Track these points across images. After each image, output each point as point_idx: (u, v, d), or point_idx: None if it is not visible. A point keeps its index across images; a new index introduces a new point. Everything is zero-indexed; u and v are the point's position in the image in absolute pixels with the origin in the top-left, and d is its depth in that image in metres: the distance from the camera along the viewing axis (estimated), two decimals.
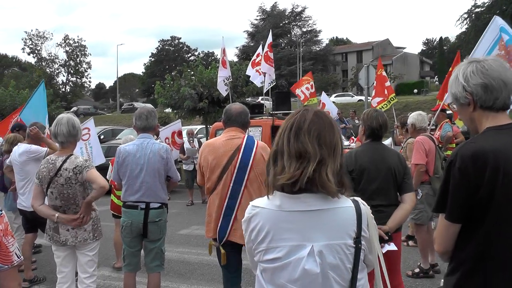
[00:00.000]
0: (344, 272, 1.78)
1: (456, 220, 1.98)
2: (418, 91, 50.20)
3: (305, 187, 1.75)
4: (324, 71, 63.51)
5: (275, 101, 13.23)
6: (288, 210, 1.79)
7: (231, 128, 4.04)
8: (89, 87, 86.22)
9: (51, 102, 30.92)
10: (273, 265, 1.81)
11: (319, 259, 1.74)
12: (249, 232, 1.89)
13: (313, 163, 1.74)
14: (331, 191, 1.75)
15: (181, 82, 17.23)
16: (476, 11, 38.51)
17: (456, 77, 2.11)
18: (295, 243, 1.77)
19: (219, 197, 3.86)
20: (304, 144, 1.77)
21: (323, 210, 1.78)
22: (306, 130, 1.79)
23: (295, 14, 70.50)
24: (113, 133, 25.56)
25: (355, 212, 1.82)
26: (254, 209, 1.88)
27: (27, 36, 70.12)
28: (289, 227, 1.78)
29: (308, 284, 1.76)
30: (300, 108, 1.99)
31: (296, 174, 1.74)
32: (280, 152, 1.82)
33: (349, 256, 1.78)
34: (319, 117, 1.85)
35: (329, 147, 1.79)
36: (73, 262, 4.36)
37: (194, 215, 10.38)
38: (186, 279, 6.07)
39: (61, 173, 4.08)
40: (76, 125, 4.24)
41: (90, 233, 4.25)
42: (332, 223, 1.78)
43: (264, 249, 1.83)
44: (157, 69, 78.06)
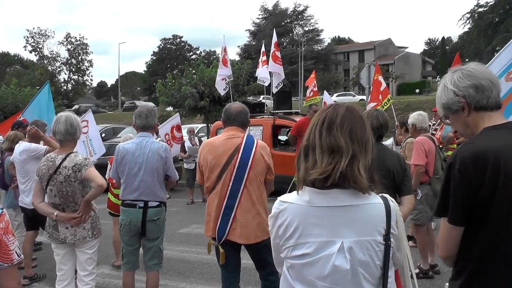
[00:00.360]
0: (373, 269, 1.77)
1: (459, 223, 1.96)
2: (420, 91, 50.16)
3: (336, 182, 1.74)
4: (325, 70, 63.45)
5: (276, 100, 13.24)
6: (317, 205, 1.78)
7: (231, 127, 4.04)
8: (91, 85, 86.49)
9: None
10: (302, 261, 1.79)
11: (349, 255, 1.73)
12: (276, 228, 1.87)
13: (346, 158, 1.73)
14: (363, 186, 1.74)
15: (182, 81, 17.23)
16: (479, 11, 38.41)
17: (444, 86, 2.12)
18: (325, 239, 1.76)
19: (218, 196, 3.87)
20: (336, 139, 1.76)
21: (353, 206, 1.77)
22: (338, 125, 1.78)
23: (297, 13, 70.39)
24: (114, 131, 25.53)
25: (384, 208, 1.81)
26: (282, 204, 1.86)
27: (29, 34, 70.49)
28: (319, 222, 1.77)
29: (337, 280, 1.74)
30: (329, 104, 1.96)
31: (328, 169, 1.73)
32: (312, 147, 1.80)
33: (379, 253, 1.77)
34: (351, 112, 1.84)
35: (360, 143, 1.78)
36: (72, 260, 4.38)
37: (194, 213, 10.38)
38: (186, 278, 6.07)
39: (60, 171, 4.10)
40: (74, 123, 4.24)
41: (89, 231, 4.27)
42: (362, 219, 1.77)
43: (293, 245, 1.81)
44: (159, 67, 78.12)
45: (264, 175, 3.97)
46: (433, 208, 5.91)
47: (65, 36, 72.55)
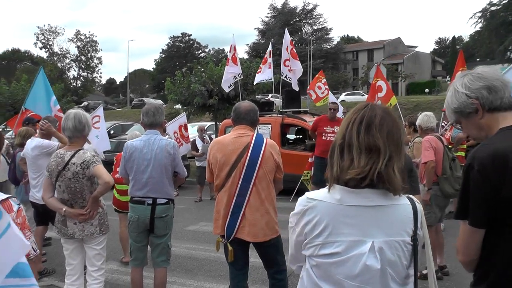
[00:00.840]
0: (400, 269, 1.78)
1: (481, 225, 1.92)
2: (430, 91, 49.87)
3: (370, 183, 1.75)
4: (334, 69, 63.36)
5: (285, 99, 13.24)
6: (349, 204, 1.77)
7: (240, 126, 4.05)
8: (100, 82, 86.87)
9: (62, 96, 31.03)
10: (330, 260, 1.78)
11: (379, 255, 1.73)
12: (302, 225, 1.85)
13: (383, 158, 1.74)
14: (397, 188, 1.76)
15: (191, 79, 17.26)
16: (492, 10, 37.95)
17: (454, 90, 2.10)
18: (355, 238, 1.76)
19: (227, 194, 3.88)
20: (375, 139, 1.76)
21: (384, 206, 1.78)
22: (377, 125, 1.79)
23: (306, 12, 70.28)
24: (123, 128, 25.65)
25: (412, 209, 1.82)
26: (310, 201, 1.84)
27: (39, 31, 70.81)
28: (349, 222, 1.76)
29: (367, 280, 1.74)
30: (364, 103, 1.96)
31: (366, 169, 1.73)
32: (348, 145, 1.80)
33: (406, 253, 1.79)
34: (388, 114, 1.85)
35: (396, 144, 1.79)
36: (81, 255, 4.42)
37: (202, 211, 10.41)
38: (193, 275, 6.09)
39: (69, 167, 4.14)
40: (83, 120, 4.27)
41: (97, 227, 4.31)
42: (392, 219, 1.78)
43: (321, 243, 1.80)
44: (168, 65, 78.31)
45: (273, 174, 3.98)
46: (442, 208, 5.92)
47: (75, 33, 72.93)
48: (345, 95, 44.26)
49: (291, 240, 1.96)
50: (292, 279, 5.47)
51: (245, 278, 4.15)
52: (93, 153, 4.33)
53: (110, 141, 16.09)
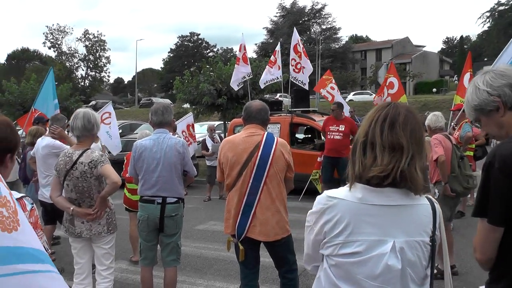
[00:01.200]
0: (420, 269, 1.77)
1: (500, 223, 1.90)
2: (437, 90, 49.65)
3: (393, 181, 1.73)
4: (343, 68, 63.25)
5: (294, 98, 13.21)
6: (371, 203, 1.76)
7: (251, 125, 4.04)
8: (108, 82, 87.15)
9: (70, 95, 31.18)
10: (351, 260, 1.76)
11: (400, 255, 1.72)
12: (322, 224, 1.83)
13: (406, 157, 1.73)
14: (419, 187, 1.75)
15: (200, 78, 17.28)
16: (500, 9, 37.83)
17: (475, 87, 2.08)
18: (376, 237, 1.74)
19: (238, 193, 3.87)
20: (399, 137, 1.75)
21: (405, 206, 1.77)
22: (401, 123, 1.77)
23: (315, 11, 70.16)
24: (131, 127, 25.67)
25: (431, 210, 1.81)
26: (330, 200, 1.82)
27: (48, 30, 71.17)
28: (371, 221, 1.75)
29: (388, 280, 1.73)
30: (387, 102, 1.96)
31: (389, 168, 1.72)
32: (371, 143, 1.79)
33: (426, 254, 1.78)
34: (411, 113, 1.83)
35: (418, 143, 1.78)
36: (89, 254, 4.42)
37: (211, 210, 10.40)
38: (203, 274, 6.09)
39: (76, 167, 4.14)
40: (92, 120, 4.27)
41: (105, 226, 4.30)
42: (413, 219, 1.77)
43: (342, 243, 1.77)
44: (176, 64, 78.36)
45: (284, 173, 3.96)
46: (452, 207, 5.89)
47: (83, 33, 73.22)
48: (353, 94, 44.17)
49: (308, 240, 1.94)
50: (302, 278, 5.45)
51: (256, 277, 4.14)
52: (101, 153, 4.33)
53: None
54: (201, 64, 19.26)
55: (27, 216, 2.12)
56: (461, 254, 6.27)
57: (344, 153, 9.91)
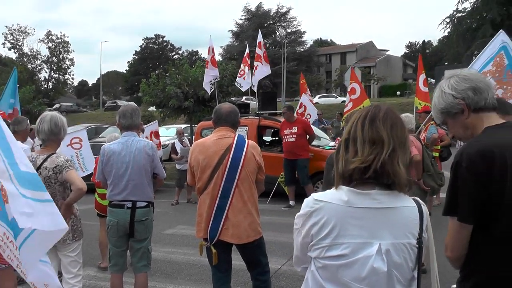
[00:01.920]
0: (406, 271, 1.79)
1: (469, 221, 1.96)
2: (401, 93, 50.68)
3: (375, 175, 1.74)
4: (308, 72, 63.69)
5: (261, 101, 13.25)
6: (356, 206, 1.77)
7: (222, 128, 4.03)
8: (72, 84, 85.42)
9: (33, 98, 30.51)
10: (337, 263, 1.77)
11: (386, 257, 1.73)
12: (309, 226, 1.83)
13: (387, 149, 1.75)
14: (403, 181, 1.76)
15: (166, 81, 17.16)
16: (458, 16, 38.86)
17: (441, 92, 2.16)
18: (362, 240, 1.75)
19: (210, 196, 3.86)
20: (379, 131, 1.78)
21: (391, 208, 1.78)
22: (381, 118, 1.81)
23: (280, 15, 70.50)
24: (96, 131, 25.28)
25: (418, 212, 1.83)
26: (317, 203, 1.82)
27: (7, 30, 69.29)
28: (357, 223, 1.76)
29: (374, 283, 1.74)
30: (373, 104, 2.02)
31: (369, 158, 1.75)
32: (353, 139, 1.82)
33: (412, 256, 1.79)
34: (392, 112, 1.87)
35: (400, 139, 1.80)
36: (55, 262, 4.21)
37: (179, 214, 10.33)
38: (173, 279, 6.02)
39: (40, 172, 3.97)
40: (59, 123, 4.15)
41: (69, 233, 4.14)
42: (399, 222, 1.79)
43: (328, 245, 1.78)
44: (141, 67, 77.56)
45: (255, 175, 3.97)
46: None
47: (46, 34, 71.57)
48: (318, 97, 44.56)
49: (296, 242, 1.95)
50: (274, 280, 5.47)
51: (229, 280, 4.13)
52: (66, 158, 4.20)
53: None
54: (167, 66, 19.15)
55: None
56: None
57: (300, 155, 10.04)
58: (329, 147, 10.95)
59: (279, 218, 9.19)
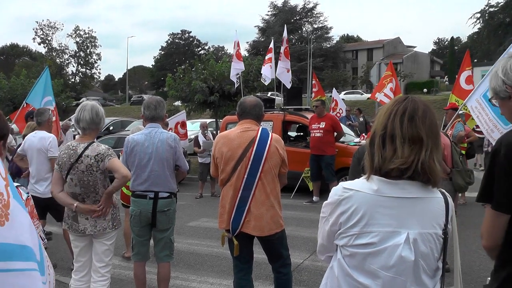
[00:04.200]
0: (432, 261, 1.81)
1: (505, 209, 1.94)
2: (428, 91, 49.94)
3: (412, 174, 1.76)
4: (334, 68, 63.33)
5: (287, 96, 13.26)
6: (386, 195, 1.78)
7: (246, 120, 4.04)
8: (99, 79, 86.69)
9: (60, 92, 31.06)
10: (366, 251, 1.79)
11: (413, 247, 1.75)
12: (337, 214, 1.85)
13: (426, 149, 1.76)
14: (438, 179, 1.78)
15: (192, 75, 17.26)
16: (490, 11, 38.07)
17: (496, 72, 2.10)
18: (391, 229, 1.77)
19: (233, 188, 3.87)
20: (419, 130, 1.77)
21: (420, 198, 1.79)
22: (421, 117, 1.80)
23: (307, 10, 70.19)
24: (122, 124, 25.68)
25: (444, 203, 1.84)
26: (346, 191, 1.84)
27: (38, 26, 70.64)
28: (386, 212, 1.78)
29: (402, 271, 1.76)
30: (404, 95, 1.97)
31: (410, 160, 1.75)
32: (390, 136, 1.80)
33: (438, 246, 1.81)
34: (428, 107, 1.86)
35: (435, 137, 1.81)
36: (91, 251, 4.28)
37: (203, 207, 10.41)
38: (196, 270, 6.08)
39: (82, 160, 4.00)
40: (100, 113, 4.17)
41: (110, 222, 4.18)
42: (426, 212, 1.80)
43: (357, 233, 1.80)
44: (167, 62, 78.21)
45: (278, 168, 3.97)
46: None
47: (74, 29, 72.74)
48: (344, 93, 44.27)
49: (323, 230, 1.97)
50: (295, 274, 5.47)
51: (250, 272, 4.15)
52: (107, 146, 4.21)
53: (110, 137, 16.19)
54: (193, 61, 19.25)
55: None
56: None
57: (326, 151, 9.97)
58: (353, 143, 10.87)
59: (302, 213, 9.19)
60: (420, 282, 1.79)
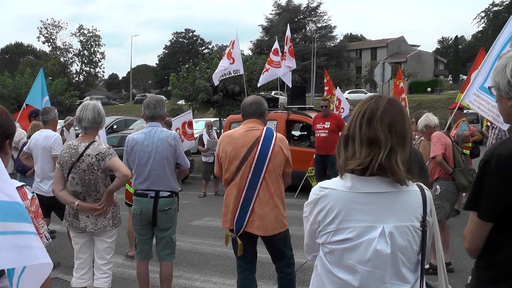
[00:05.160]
0: (411, 254, 1.83)
1: (490, 219, 1.94)
2: (432, 90, 49.81)
3: (375, 173, 1.79)
4: (338, 67, 63.22)
5: (291, 95, 13.23)
6: (360, 191, 1.83)
7: (250, 120, 4.04)
8: (102, 77, 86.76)
9: (64, 90, 31.11)
10: (343, 246, 1.83)
11: (390, 240, 1.77)
12: (315, 213, 1.90)
13: (384, 150, 1.78)
14: (401, 178, 1.79)
15: (196, 74, 17.26)
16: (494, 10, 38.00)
17: (504, 67, 1.97)
18: (366, 224, 1.80)
19: (237, 188, 3.87)
20: (376, 132, 1.80)
21: (394, 192, 1.83)
22: (379, 118, 1.82)
23: (310, 9, 70.01)
24: (125, 123, 25.67)
25: (421, 196, 1.86)
26: (322, 190, 1.89)
27: (42, 25, 70.74)
28: (361, 208, 1.82)
29: (378, 265, 1.78)
30: (374, 94, 2.01)
31: (366, 160, 1.79)
32: (352, 137, 1.86)
33: (417, 239, 1.84)
34: (392, 105, 1.87)
35: (399, 136, 1.82)
36: (91, 249, 4.34)
37: (206, 206, 10.42)
38: (199, 270, 6.08)
39: (83, 159, 4.04)
40: (101, 112, 4.22)
41: (110, 220, 4.22)
42: (402, 205, 1.83)
43: (334, 230, 1.84)
44: (171, 61, 78.22)
45: (282, 168, 3.96)
46: (452, 204, 5.91)
47: (78, 28, 72.76)
48: (348, 93, 44.20)
49: (306, 230, 2.02)
50: (299, 274, 5.46)
51: (253, 272, 4.14)
52: (108, 145, 4.26)
53: (114, 136, 16.22)
54: (197, 60, 19.25)
55: (27, 204, 2.11)
56: (457, 252, 6.30)
57: (331, 151, 9.90)
58: None
59: None
60: (400, 275, 1.81)
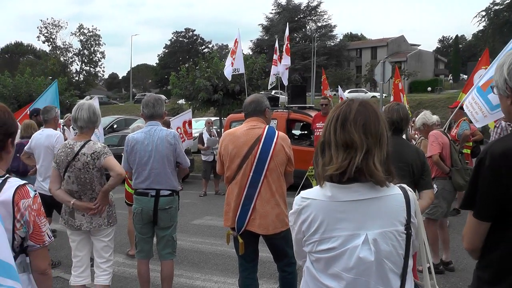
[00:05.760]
0: (397, 259, 1.81)
1: (486, 218, 1.94)
2: (432, 89, 49.81)
3: (353, 176, 1.78)
4: (338, 66, 63.18)
5: (291, 94, 13.25)
6: (340, 200, 1.81)
7: (252, 118, 4.04)
8: (102, 77, 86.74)
9: (64, 90, 31.12)
10: (328, 255, 1.83)
11: (374, 247, 1.77)
12: (299, 223, 1.90)
13: (360, 153, 1.77)
14: (379, 179, 1.78)
15: (196, 74, 17.27)
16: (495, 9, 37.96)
17: (502, 66, 1.99)
18: (350, 232, 1.80)
19: (238, 186, 3.87)
20: (350, 135, 1.79)
21: (375, 198, 1.81)
22: (352, 121, 1.82)
23: (311, 9, 69.92)
24: (126, 122, 25.66)
25: (404, 199, 1.84)
26: (304, 200, 1.88)
27: (42, 24, 70.67)
28: (343, 217, 1.81)
29: (362, 272, 1.78)
30: (344, 100, 2.01)
31: (343, 164, 1.78)
32: (327, 143, 1.85)
33: (401, 243, 1.82)
34: (365, 107, 1.87)
35: (374, 137, 1.81)
36: (88, 247, 4.38)
37: (207, 205, 10.42)
38: (200, 268, 6.09)
39: (78, 158, 4.08)
40: (96, 112, 4.26)
41: (105, 219, 4.26)
42: (384, 210, 1.81)
43: (318, 240, 1.85)
44: (171, 60, 78.19)
45: (284, 167, 3.96)
46: (449, 202, 5.92)
47: (78, 27, 72.71)
48: (348, 92, 44.16)
49: (293, 238, 2.03)
50: (300, 273, 5.46)
51: (255, 270, 4.15)
52: (103, 144, 4.30)
53: (114, 135, 16.22)
54: (197, 59, 19.26)
55: (30, 203, 2.12)
56: (457, 251, 6.30)
57: None
58: None
59: None
60: (387, 282, 1.80)
